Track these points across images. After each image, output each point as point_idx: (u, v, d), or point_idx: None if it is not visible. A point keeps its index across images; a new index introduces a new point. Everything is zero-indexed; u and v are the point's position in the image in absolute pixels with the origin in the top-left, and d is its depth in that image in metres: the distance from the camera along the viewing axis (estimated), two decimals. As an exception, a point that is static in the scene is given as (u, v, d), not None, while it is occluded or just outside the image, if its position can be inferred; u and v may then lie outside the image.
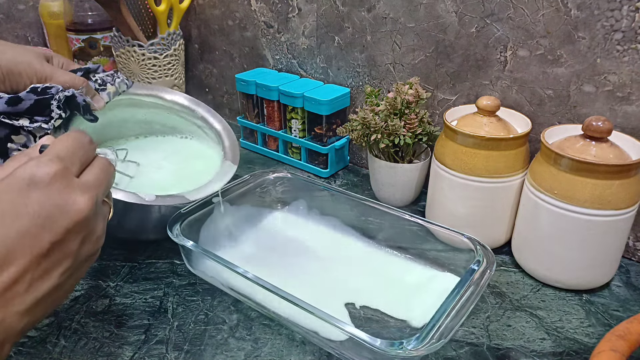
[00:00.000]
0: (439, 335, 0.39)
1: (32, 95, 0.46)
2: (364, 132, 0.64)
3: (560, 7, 0.54)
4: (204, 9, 0.92)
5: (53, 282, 0.33)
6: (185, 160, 0.66)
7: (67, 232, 0.33)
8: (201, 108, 0.69)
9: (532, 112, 0.59)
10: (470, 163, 0.54)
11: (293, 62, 0.82)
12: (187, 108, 0.68)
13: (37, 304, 0.32)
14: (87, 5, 0.88)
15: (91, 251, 0.36)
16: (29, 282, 0.32)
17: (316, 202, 0.63)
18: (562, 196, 0.49)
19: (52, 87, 0.47)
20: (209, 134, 0.68)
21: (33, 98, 0.46)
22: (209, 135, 0.68)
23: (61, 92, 0.48)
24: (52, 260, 0.33)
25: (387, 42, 0.69)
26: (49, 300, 0.33)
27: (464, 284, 0.44)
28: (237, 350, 0.46)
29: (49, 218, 0.32)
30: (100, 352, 0.45)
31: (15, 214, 0.32)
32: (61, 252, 0.33)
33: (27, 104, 0.46)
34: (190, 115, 0.68)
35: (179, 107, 0.68)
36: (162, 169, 0.63)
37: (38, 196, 0.32)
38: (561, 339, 0.47)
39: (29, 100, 0.46)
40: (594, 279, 0.52)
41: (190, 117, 0.69)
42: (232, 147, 0.64)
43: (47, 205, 0.32)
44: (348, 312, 0.49)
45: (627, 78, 0.52)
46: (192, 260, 0.54)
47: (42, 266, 0.32)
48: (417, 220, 0.54)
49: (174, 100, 0.68)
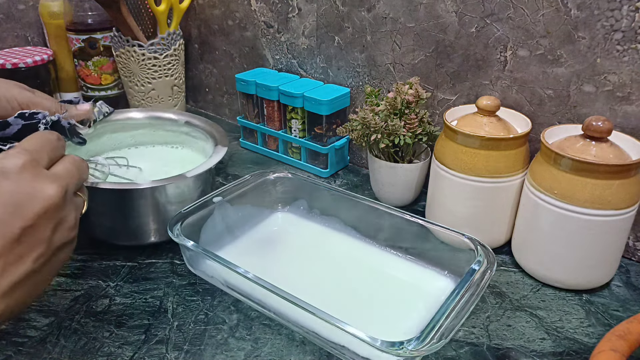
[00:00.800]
0: (439, 335, 0.39)
1: (19, 120, 0.48)
2: (364, 132, 0.64)
3: (560, 7, 0.54)
4: (204, 9, 0.92)
5: (27, 267, 0.34)
6: (182, 166, 0.66)
7: (38, 218, 0.35)
8: (183, 115, 0.70)
9: (532, 112, 0.59)
10: (470, 163, 0.54)
11: (293, 62, 0.82)
12: (170, 119, 0.70)
13: (13, 289, 0.34)
14: (87, 5, 0.88)
15: (64, 239, 0.37)
16: (3, 267, 0.33)
17: (316, 202, 0.63)
18: (562, 196, 0.49)
19: (39, 113, 0.48)
20: (197, 137, 0.68)
21: (21, 123, 0.47)
22: (198, 138, 0.68)
23: (48, 117, 0.49)
24: (24, 245, 0.34)
25: (387, 42, 0.69)
26: (27, 285, 0.35)
27: (465, 284, 0.44)
28: (237, 350, 0.46)
29: (19, 205, 0.34)
30: (100, 352, 0.45)
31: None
32: (33, 238, 0.35)
33: (15, 129, 0.47)
34: (175, 125, 0.69)
35: (162, 121, 0.70)
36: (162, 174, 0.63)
37: (7, 185, 0.34)
38: (561, 339, 0.47)
39: (16, 125, 0.47)
40: (594, 279, 0.52)
41: (175, 128, 0.70)
42: (220, 135, 0.65)
43: (17, 193, 0.34)
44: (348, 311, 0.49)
45: (627, 78, 0.52)
46: (192, 260, 0.54)
47: (15, 251, 0.34)
48: (417, 220, 0.54)
49: (154, 116, 0.70)
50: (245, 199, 0.61)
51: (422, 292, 0.52)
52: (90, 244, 0.59)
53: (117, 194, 0.53)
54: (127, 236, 0.58)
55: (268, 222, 0.63)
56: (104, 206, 0.54)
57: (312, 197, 0.63)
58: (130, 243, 0.59)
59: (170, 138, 0.71)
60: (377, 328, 0.46)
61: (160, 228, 0.57)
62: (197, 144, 0.68)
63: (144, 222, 0.56)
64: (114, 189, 0.53)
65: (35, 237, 0.35)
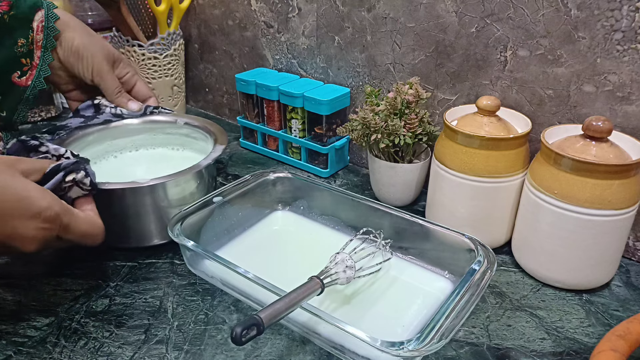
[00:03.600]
0: (439, 335, 0.39)
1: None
2: (364, 132, 0.64)
3: (560, 7, 0.54)
4: (204, 9, 0.92)
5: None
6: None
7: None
8: (182, 117, 0.70)
9: (532, 112, 0.59)
10: (470, 163, 0.54)
11: (293, 62, 0.82)
12: (168, 122, 0.70)
13: None
14: (87, 5, 0.88)
15: None
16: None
17: (316, 202, 0.63)
18: (562, 196, 0.49)
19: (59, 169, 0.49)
20: (198, 137, 0.68)
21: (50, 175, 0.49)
22: (198, 139, 0.68)
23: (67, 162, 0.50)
24: None
25: (387, 42, 0.69)
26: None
27: (465, 284, 0.44)
28: (237, 350, 0.46)
29: None
30: (100, 352, 0.45)
31: None
32: None
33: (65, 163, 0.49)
34: (174, 128, 0.69)
35: (161, 125, 0.69)
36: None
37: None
38: (561, 338, 0.47)
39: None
40: (594, 279, 0.52)
41: (175, 130, 0.69)
42: (219, 134, 0.65)
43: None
44: (348, 311, 0.49)
45: (627, 78, 0.52)
46: (192, 260, 0.54)
47: None
48: (417, 220, 0.54)
49: (151, 120, 0.69)
50: (245, 199, 0.61)
51: (422, 292, 0.52)
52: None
53: (117, 194, 0.53)
54: (128, 239, 0.58)
55: (268, 222, 0.63)
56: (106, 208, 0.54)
57: (312, 197, 0.64)
58: (131, 245, 0.59)
59: (171, 140, 0.70)
60: (377, 328, 0.46)
61: (162, 230, 0.57)
62: (197, 145, 0.68)
63: (146, 222, 0.56)
64: (114, 189, 0.53)
65: None
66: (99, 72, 0.64)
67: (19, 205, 0.42)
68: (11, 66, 0.59)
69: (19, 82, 0.60)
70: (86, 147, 0.65)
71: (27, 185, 0.43)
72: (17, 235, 0.43)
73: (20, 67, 0.59)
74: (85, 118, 0.66)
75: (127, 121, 0.68)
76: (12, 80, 0.59)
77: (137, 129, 0.69)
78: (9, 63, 0.59)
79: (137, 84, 0.69)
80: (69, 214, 0.45)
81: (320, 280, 0.45)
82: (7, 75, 0.59)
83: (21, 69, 0.59)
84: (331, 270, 0.47)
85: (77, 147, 0.63)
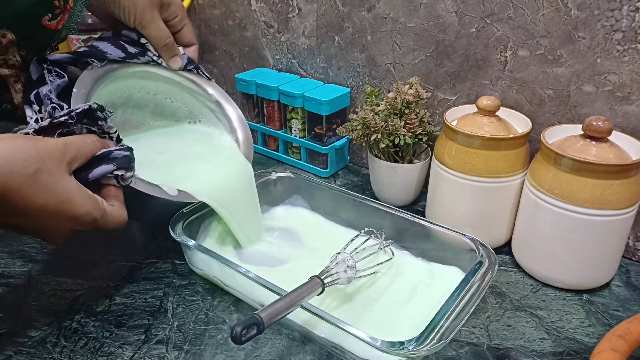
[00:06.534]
0: (440, 336, 0.39)
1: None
2: (364, 132, 0.64)
3: (560, 7, 0.54)
4: (204, 8, 0.92)
5: None
6: (199, 155, 0.63)
7: None
8: (216, 92, 0.65)
9: (532, 112, 0.59)
10: (470, 163, 0.54)
11: (293, 62, 0.82)
12: (200, 88, 0.65)
13: None
14: (87, 5, 0.88)
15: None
16: None
17: (317, 202, 0.63)
18: (562, 196, 0.49)
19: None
20: (221, 120, 0.65)
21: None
22: (221, 121, 0.65)
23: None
24: None
25: (387, 42, 0.69)
26: None
27: (466, 285, 0.44)
28: (237, 350, 0.46)
29: None
30: (100, 352, 0.45)
31: None
32: None
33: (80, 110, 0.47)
34: (204, 98, 0.65)
35: (194, 87, 0.65)
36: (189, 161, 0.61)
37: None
38: (561, 338, 0.47)
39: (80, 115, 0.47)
40: (594, 279, 0.52)
41: (202, 99, 0.65)
42: (246, 141, 0.62)
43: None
44: (348, 311, 0.49)
45: (627, 78, 0.52)
46: (193, 259, 0.54)
47: None
48: (418, 220, 0.54)
49: (189, 77, 0.64)
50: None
51: (423, 292, 0.52)
52: (91, 244, 0.59)
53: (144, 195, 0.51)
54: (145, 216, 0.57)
55: (269, 222, 0.63)
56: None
57: (313, 196, 0.64)
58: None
59: (193, 106, 0.66)
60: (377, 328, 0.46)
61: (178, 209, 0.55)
62: (217, 124, 0.65)
63: (165, 209, 0.54)
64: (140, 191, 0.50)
65: None
66: (141, 22, 0.58)
67: (60, 207, 0.41)
68: (43, 8, 0.54)
69: (48, 25, 0.55)
70: (113, 82, 0.59)
71: (71, 187, 0.42)
72: (49, 232, 0.42)
73: (52, 10, 0.54)
74: (127, 54, 0.58)
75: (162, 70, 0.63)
76: (43, 23, 0.54)
77: (169, 78, 0.63)
78: (41, 3, 0.53)
79: (184, 28, 0.64)
80: (104, 216, 0.44)
81: (320, 280, 0.45)
82: (36, 18, 0.54)
83: (53, 11, 0.54)
84: (332, 270, 0.47)
85: (105, 80, 0.58)
